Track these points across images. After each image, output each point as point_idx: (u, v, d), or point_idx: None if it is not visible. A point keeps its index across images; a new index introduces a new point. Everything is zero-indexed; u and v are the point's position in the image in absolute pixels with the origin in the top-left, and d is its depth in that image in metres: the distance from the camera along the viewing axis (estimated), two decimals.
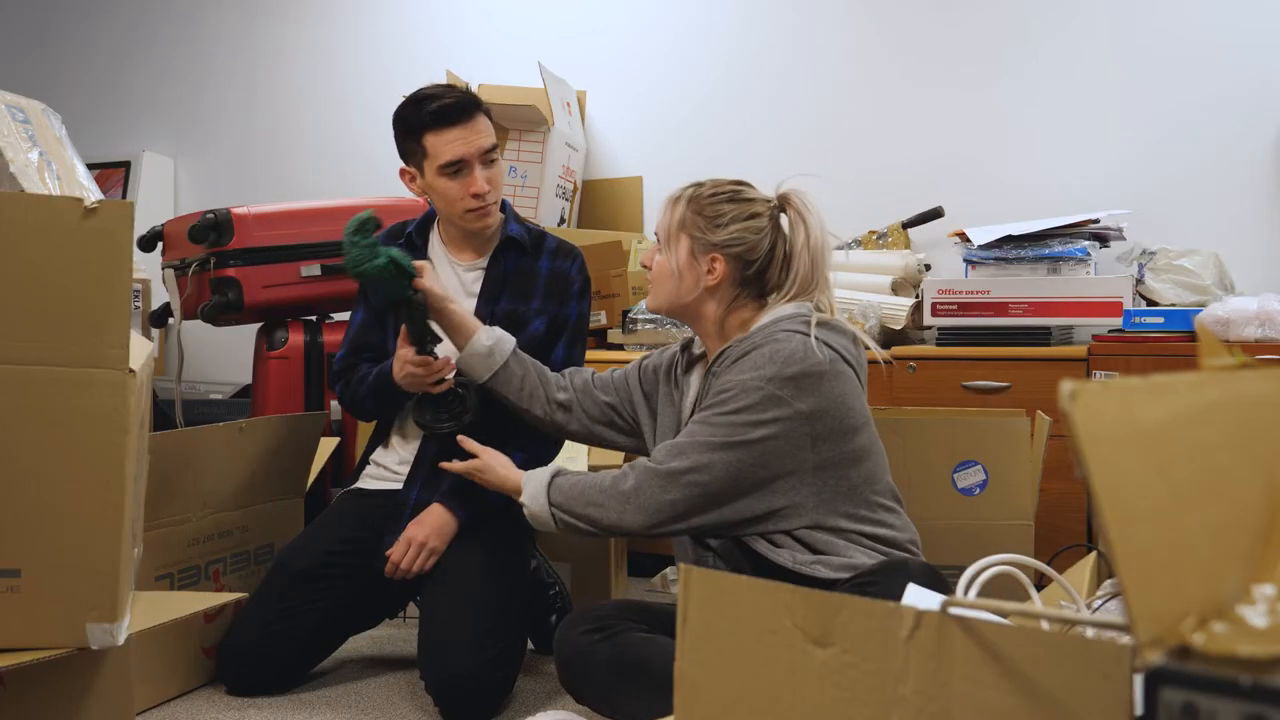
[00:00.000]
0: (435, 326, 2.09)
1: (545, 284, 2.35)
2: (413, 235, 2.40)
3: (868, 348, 1.89)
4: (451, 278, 2.35)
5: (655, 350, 2.10)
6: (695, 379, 1.93)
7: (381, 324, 2.37)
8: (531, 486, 1.88)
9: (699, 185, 1.88)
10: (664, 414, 1.98)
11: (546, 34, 3.93)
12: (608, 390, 2.07)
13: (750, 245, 1.82)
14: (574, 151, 3.67)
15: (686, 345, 2.01)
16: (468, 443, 2.03)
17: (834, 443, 1.76)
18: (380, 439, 2.39)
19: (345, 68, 4.30)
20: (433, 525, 2.17)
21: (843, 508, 1.76)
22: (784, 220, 1.85)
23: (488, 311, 2.31)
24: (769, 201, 1.86)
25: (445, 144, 2.23)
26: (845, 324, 1.85)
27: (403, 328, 2.09)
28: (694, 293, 1.86)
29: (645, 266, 1.94)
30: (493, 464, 1.98)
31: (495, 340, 2.08)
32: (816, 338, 1.76)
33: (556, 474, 1.88)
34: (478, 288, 2.34)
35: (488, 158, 2.27)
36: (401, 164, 2.34)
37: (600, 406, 2.06)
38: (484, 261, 2.35)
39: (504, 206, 2.40)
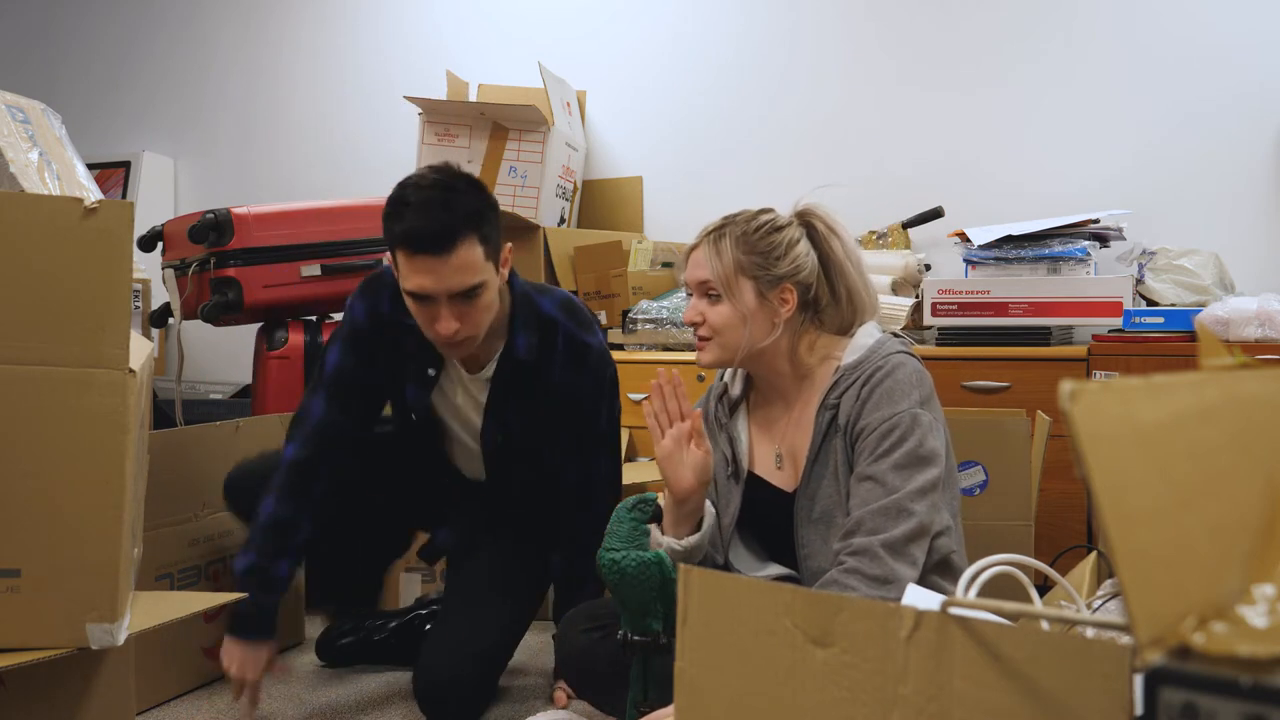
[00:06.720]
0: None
1: (561, 404, 2.07)
2: (396, 316, 2.00)
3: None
4: (457, 384, 2.10)
5: None
6: (742, 426, 1.84)
7: (349, 399, 2.06)
8: None
9: (727, 224, 1.76)
10: (717, 469, 1.83)
11: (546, 34, 3.94)
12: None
13: (808, 269, 1.77)
14: (574, 151, 3.67)
15: (721, 394, 1.88)
16: None
17: (949, 455, 1.74)
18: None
19: (345, 68, 4.30)
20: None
21: (955, 522, 1.75)
22: (815, 236, 1.81)
23: (498, 432, 2.10)
24: (795, 222, 1.81)
25: (411, 270, 1.84)
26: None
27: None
28: (770, 334, 1.75)
29: (694, 324, 1.76)
30: None
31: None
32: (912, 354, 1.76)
33: None
34: (484, 399, 2.08)
35: (465, 294, 1.86)
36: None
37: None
38: (490, 369, 2.05)
39: (513, 285, 2.02)
